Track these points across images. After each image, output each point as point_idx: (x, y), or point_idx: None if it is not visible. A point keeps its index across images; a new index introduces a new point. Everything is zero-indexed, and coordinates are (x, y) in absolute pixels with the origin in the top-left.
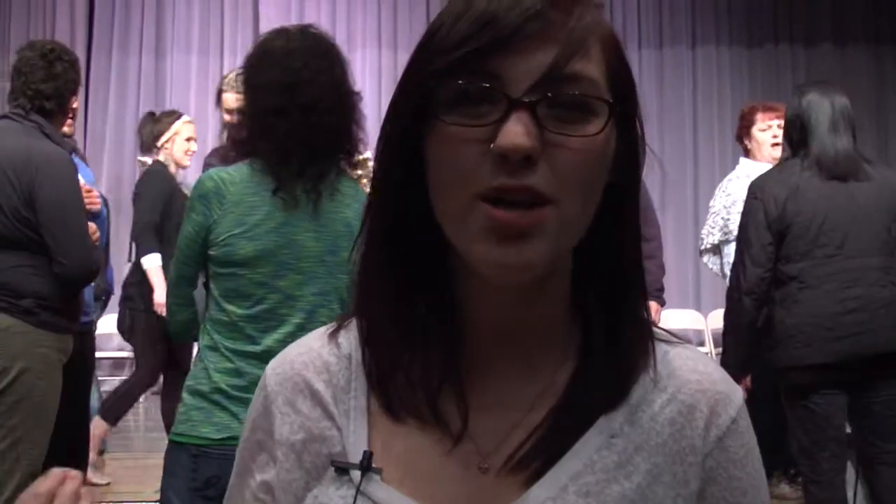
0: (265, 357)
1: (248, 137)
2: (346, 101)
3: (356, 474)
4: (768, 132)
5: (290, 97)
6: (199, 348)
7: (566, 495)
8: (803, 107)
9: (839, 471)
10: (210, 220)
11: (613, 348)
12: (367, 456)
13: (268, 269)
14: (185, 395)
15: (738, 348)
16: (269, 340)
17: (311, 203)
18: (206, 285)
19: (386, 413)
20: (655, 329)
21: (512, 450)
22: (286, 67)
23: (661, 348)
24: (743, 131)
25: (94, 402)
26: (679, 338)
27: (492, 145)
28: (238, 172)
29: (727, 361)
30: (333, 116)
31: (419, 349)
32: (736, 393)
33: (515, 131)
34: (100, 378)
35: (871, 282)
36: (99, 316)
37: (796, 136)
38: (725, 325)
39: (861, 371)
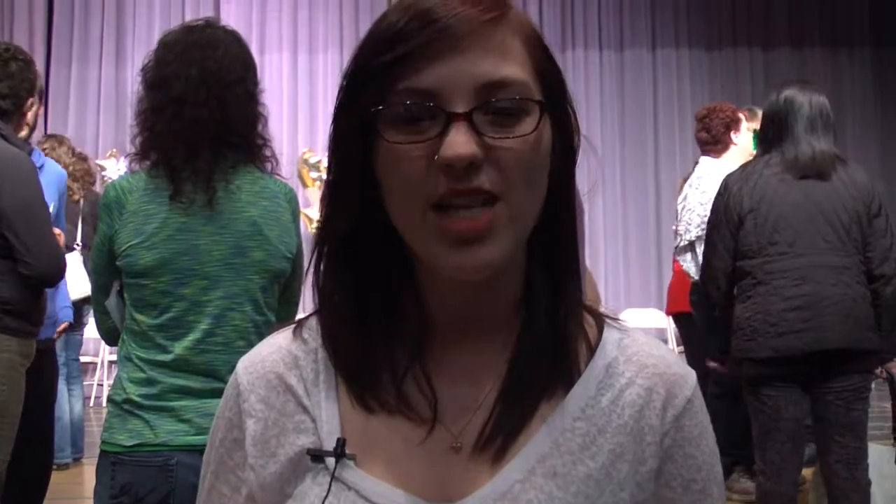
0: (176, 365)
1: (141, 141)
2: (223, 93)
3: (331, 461)
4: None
5: (164, 93)
6: (117, 358)
7: (534, 477)
8: (781, 105)
9: (787, 463)
10: (112, 231)
11: (548, 326)
12: (341, 443)
13: (169, 278)
14: (107, 403)
15: (718, 330)
16: (178, 348)
17: (206, 203)
18: (119, 294)
19: (356, 404)
20: (603, 314)
21: (479, 429)
22: (161, 63)
23: (615, 335)
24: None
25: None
26: (620, 321)
27: (436, 157)
28: (137, 180)
29: (710, 347)
30: (206, 109)
31: (382, 343)
32: (690, 375)
33: (457, 141)
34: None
35: (820, 280)
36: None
37: (772, 134)
38: (700, 319)
39: (814, 365)
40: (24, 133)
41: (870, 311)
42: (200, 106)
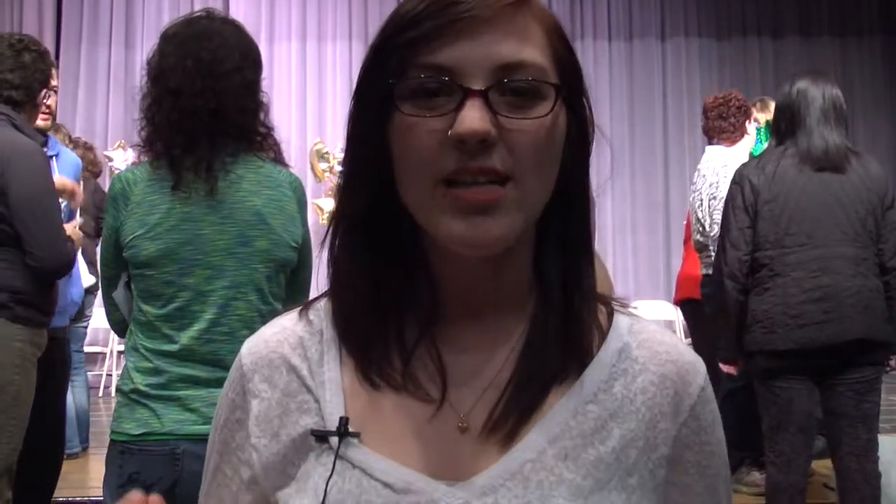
0: (182, 355)
1: (145, 133)
2: (217, 83)
3: (335, 440)
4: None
5: (163, 85)
6: (125, 348)
7: (545, 458)
8: (794, 96)
9: (798, 455)
10: (118, 223)
11: (564, 310)
12: (344, 422)
13: (173, 268)
14: (115, 393)
15: (727, 333)
16: (184, 338)
17: (208, 192)
18: (128, 286)
19: (362, 382)
20: (612, 300)
21: (489, 410)
22: (161, 56)
23: (625, 321)
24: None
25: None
26: (629, 307)
27: (449, 132)
28: (142, 171)
29: (720, 347)
30: (202, 100)
31: (393, 320)
32: (700, 362)
33: (471, 117)
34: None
35: (839, 271)
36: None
37: (785, 126)
38: (712, 312)
39: (829, 357)
40: (46, 122)
41: (885, 303)
42: (196, 97)
